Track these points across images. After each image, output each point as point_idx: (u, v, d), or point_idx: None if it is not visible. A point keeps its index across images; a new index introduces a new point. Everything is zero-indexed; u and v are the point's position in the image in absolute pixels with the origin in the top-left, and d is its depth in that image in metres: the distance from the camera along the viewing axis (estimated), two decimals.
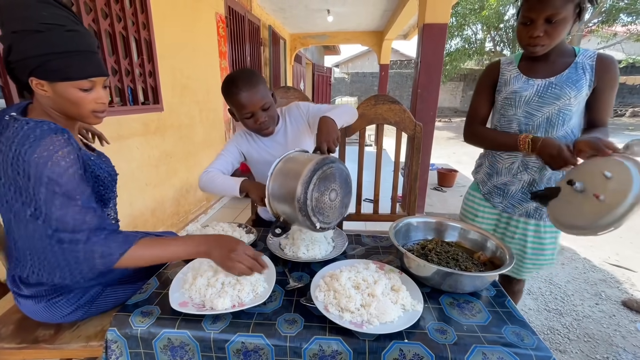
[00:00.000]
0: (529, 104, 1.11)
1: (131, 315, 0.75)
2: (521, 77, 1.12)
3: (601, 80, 1.03)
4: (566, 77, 1.05)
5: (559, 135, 1.09)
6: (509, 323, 0.73)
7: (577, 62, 1.04)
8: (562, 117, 1.07)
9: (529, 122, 1.12)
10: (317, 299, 0.76)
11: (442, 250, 0.95)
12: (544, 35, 0.98)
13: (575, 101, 1.05)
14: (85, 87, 0.78)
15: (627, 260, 2.68)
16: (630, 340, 1.77)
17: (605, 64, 1.03)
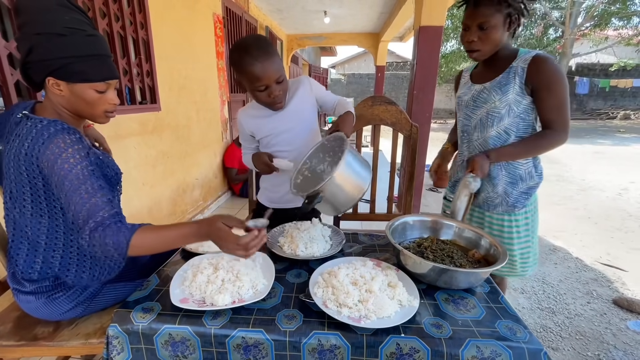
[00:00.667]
0: (467, 107, 1.23)
1: (132, 311, 0.76)
2: (467, 83, 1.25)
3: (535, 82, 1.07)
4: (497, 81, 1.13)
5: (492, 135, 1.18)
6: (502, 318, 0.75)
7: (511, 67, 1.10)
8: (492, 119, 1.15)
9: (468, 123, 1.25)
10: (316, 295, 0.78)
11: (437, 248, 0.97)
12: (478, 40, 1.08)
13: (502, 104, 1.12)
14: (101, 89, 0.83)
15: (618, 260, 2.73)
16: (620, 338, 1.81)
17: (537, 65, 1.05)
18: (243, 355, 0.72)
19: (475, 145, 1.23)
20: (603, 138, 9.41)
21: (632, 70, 12.74)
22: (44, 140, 0.75)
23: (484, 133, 1.19)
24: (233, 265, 0.87)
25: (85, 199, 0.76)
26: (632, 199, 4.26)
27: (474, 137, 1.24)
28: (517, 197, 1.20)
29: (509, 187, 1.19)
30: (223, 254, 0.95)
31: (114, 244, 0.74)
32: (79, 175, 0.76)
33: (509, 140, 1.16)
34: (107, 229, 0.75)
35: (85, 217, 0.75)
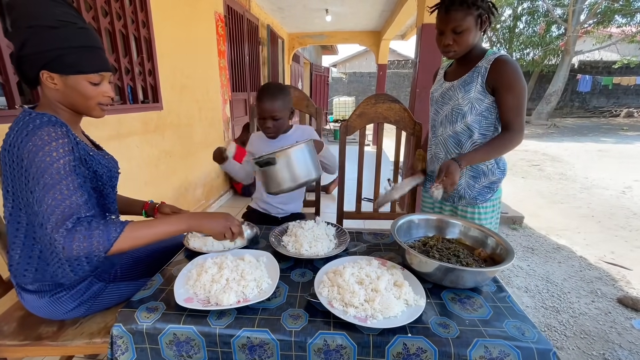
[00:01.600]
0: (437, 103, 1.29)
1: (136, 311, 0.75)
2: (440, 80, 1.30)
3: (496, 82, 1.11)
4: (463, 80, 1.17)
5: (457, 130, 1.22)
6: (510, 317, 0.74)
7: (477, 67, 1.14)
8: (456, 115, 1.21)
9: (435, 118, 1.31)
10: (321, 294, 0.77)
11: (443, 247, 0.96)
12: (454, 43, 1.11)
13: (465, 102, 1.17)
14: (95, 80, 0.83)
15: (622, 259, 2.71)
16: (625, 337, 1.80)
17: (499, 66, 1.10)
18: (248, 355, 0.71)
19: (440, 139, 1.29)
20: (606, 136, 9.36)
21: (636, 68, 12.66)
22: (27, 131, 0.75)
23: (449, 128, 1.25)
24: (237, 265, 0.87)
25: (64, 195, 0.74)
26: (636, 197, 4.23)
27: (439, 131, 1.29)
28: (480, 190, 1.25)
29: (471, 181, 1.25)
30: (227, 254, 0.95)
31: (99, 243, 0.73)
32: (60, 171, 0.75)
33: (473, 136, 1.20)
34: (92, 227, 0.73)
35: (61, 215, 0.72)
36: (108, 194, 0.95)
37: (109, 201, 0.96)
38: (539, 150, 7.55)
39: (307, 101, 1.74)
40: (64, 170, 0.75)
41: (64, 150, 0.76)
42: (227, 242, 1.02)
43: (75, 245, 0.71)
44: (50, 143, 0.75)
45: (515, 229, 3.28)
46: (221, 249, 1.01)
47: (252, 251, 0.98)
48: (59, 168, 0.75)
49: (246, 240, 1.06)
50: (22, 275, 0.87)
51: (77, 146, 0.82)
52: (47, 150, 0.74)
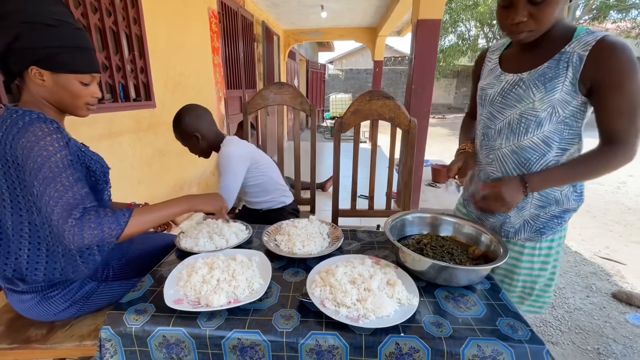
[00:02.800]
0: (492, 104, 0.94)
1: (125, 313, 0.74)
2: (496, 70, 0.95)
3: (598, 77, 0.78)
4: (540, 72, 0.83)
5: (524, 145, 0.90)
6: (504, 316, 0.73)
7: (564, 52, 0.81)
8: (526, 124, 0.88)
9: (491, 125, 0.96)
10: (313, 294, 0.76)
11: (437, 244, 0.95)
12: (529, 19, 0.77)
13: (542, 105, 0.84)
14: (86, 81, 0.84)
15: (617, 254, 2.73)
16: (620, 332, 1.81)
17: (603, 54, 0.76)
18: (239, 357, 0.70)
19: (498, 155, 0.95)
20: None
21: None
22: (18, 129, 0.74)
23: (512, 141, 0.91)
24: (229, 265, 0.85)
25: (66, 186, 0.74)
26: (630, 193, 4.27)
27: (496, 143, 0.95)
28: (547, 221, 0.94)
29: (536, 211, 0.94)
30: (219, 254, 0.93)
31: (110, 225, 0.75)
32: (58, 164, 0.74)
33: (549, 154, 0.88)
34: (101, 215, 0.75)
35: (67, 206, 0.73)
36: (102, 190, 0.94)
37: (103, 197, 0.95)
38: None
39: (301, 99, 1.72)
40: (62, 163, 0.75)
41: (59, 145, 0.76)
42: (219, 242, 1.01)
43: (87, 233, 0.73)
44: (45, 138, 0.74)
45: None
46: (213, 248, 0.99)
47: (244, 251, 0.97)
48: (56, 161, 0.74)
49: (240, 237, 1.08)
50: (33, 275, 0.86)
51: (69, 141, 0.82)
52: (42, 145, 0.74)
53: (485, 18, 11.18)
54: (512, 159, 0.94)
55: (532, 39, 0.82)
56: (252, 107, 1.73)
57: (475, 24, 12.08)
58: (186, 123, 1.40)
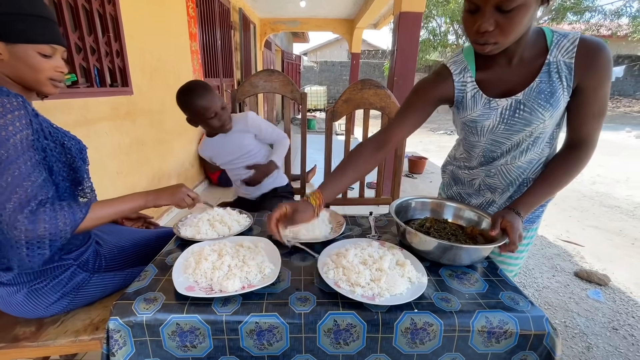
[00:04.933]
0: (493, 132, 0.89)
1: (134, 302, 0.71)
2: (481, 97, 0.85)
3: (582, 81, 0.76)
4: (536, 90, 0.79)
5: (528, 159, 0.91)
6: (504, 290, 0.79)
7: (549, 63, 0.78)
8: (535, 141, 0.87)
9: (496, 149, 0.92)
10: (327, 276, 0.77)
11: (439, 227, 0.99)
12: (496, 29, 0.69)
13: (552, 121, 0.82)
14: (46, 52, 0.78)
15: (576, 236, 2.99)
16: (582, 306, 2.00)
17: (589, 58, 0.74)
18: (256, 341, 0.70)
19: (501, 169, 0.95)
20: None
21: None
22: None
23: (518, 158, 0.91)
24: (238, 251, 0.84)
25: (23, 173, 0.70)
26: (585, 181, 4.65)
27: (500, 162, 0.94)
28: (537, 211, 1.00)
29: None
30: (224, 241, 0.92)
31: (65, 218, 0.73)
32: (17, 146, 0.70)
33: (544, 152, 0.91)
34: (56, 209, 0.73)
35: (24, 196, 0.70)
36: (79, 167, 0.88)
37: (81, 175, 0.90)
38: None
39: (291, 86, 1.70)
40: (21, 145, 0.70)
41: (21, 124, 0.71)
42: (222, 230, 0.99)
43: (41, 227, 0.71)
44: (5, 115, 0.69)
45: None
46: (215, 236, 0.97)
47: (250, 237, 0.96)
48: (15, 143, 0.69)
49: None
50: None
51: (36, 118, 0.76)
52: (1, 124, 0.68)
53: (456, 15, 11.55)
54: (516, 172, 0.95)
55: (496, 52, 0.75)
56: (242, 94, 1.69)
57: (445, 20, 12.44)
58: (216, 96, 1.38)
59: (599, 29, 12.43)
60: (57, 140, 0.83)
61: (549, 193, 0.85)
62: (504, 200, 1.03)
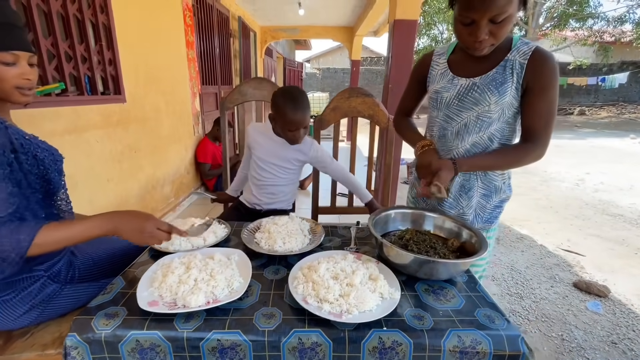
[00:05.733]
0: (449, 107, 1.01)
1: (94, 318, 0.69)
2: (447, 74, 1.01)
3: (532, 82, 0.90)
4: (491, 78, 0.93)
5: (476, 141, 0.99)
6: (481, 306, 0.76)
7: (507, 60, 0.92)
8: (480, 124, 0.97)
9: (447, 126, 1.02)
10: (296, 291, 0.75)
11: (419, 239, 0.96)
12: (490, 37, 0.84)
13: (496, 107, 0.93)
14: (6, 60, 0.75)
15: (577, 246, 2.92)
16: (581, 318, 1.94)
17: (538, 62, 0.88)
18: (219, 359, 0.67)
19: (454, 154, 1.04)
20: (562, 132, 10.04)
21: (587, 69, 13.65)
22: None
23: (467, 139, 1.00)
24: (207, 264, 0.82)
25: None
26: (587, 189, 4.57)
27: (453, 144, 1.03)
28: (492, 211, 1.06)
29: (483, 200, 1.05)
30: (196, 253, 0.90)
31: (11, 243, 0.68)
32: None
33: (489, 149, 1.00)
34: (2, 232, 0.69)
35: None
36: (53, 179, 0.86)
37: (55, 186, 0.88)
38: None
39: None
40: None
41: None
42: (196, 241, 0.97)
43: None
44: None
45: None
46: (189, 248, 0.95)
47: (223, 249, 0.93)
48: None
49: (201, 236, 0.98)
50: None
51: (5, 130, 0.74)
52: None
53: None
54: (464, 153, 1.03)
55: (487, 53, 0.91)
56: (230, 102, 1.69)
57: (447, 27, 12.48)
58: None
59: (603, 35, 12.40)
60: (29, 152, 0.81)
61: (490, 160, 0.97)
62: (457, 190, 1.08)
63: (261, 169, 1.44)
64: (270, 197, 1.48)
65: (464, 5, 0.82)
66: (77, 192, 1.76)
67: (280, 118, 1.31)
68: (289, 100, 1.28)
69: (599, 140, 8.65)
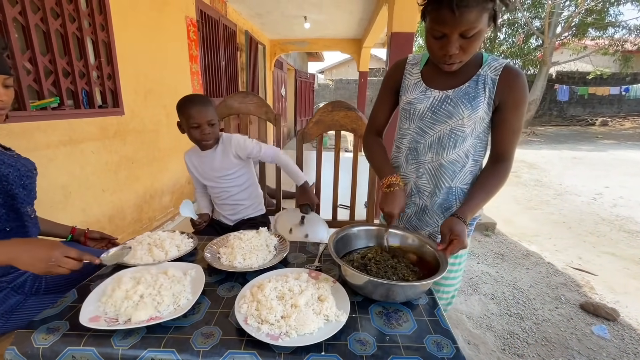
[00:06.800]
0: (422, 119, 0.99)
1: (35, 332, 0.69)
2: (421, 85, 0.99)
3: (503, 98, 0.90)
4: (464, 91, 0.92)
5: (452, 158, 0.98)
6: (433, 332, 0.71)
7: (479, 75, 0.92)
8: (454, 139, 0.96)
9: (420, 139, 1.00)
10: (240, 310, 0.73)
11: (381, 259, 0.93)
12: (460, 51, 0.84)
13: (469, 122, 0.93)
14: None
15: (589, 264, 2.76)
16: (585, 343, 1.81)
17: (509, 79, 0.89)
18: None
19: (428, 168, 1.02)
20: (582, 144, 9.66)
21: (609, 79, 13.18)
22: None
23: (442, 154, 0.98)
24: (157, 279, 0.82)
25: None
26: (605, 204, 4.35)
27: (427, 158, 1.01)
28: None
29: (446, 213, 1.04)
30: (152, 267, 0.90)
31: None
32: None
33: (466, 166, 0.99)
34: None
35: None
36: (17, 195, 0.88)
37: (19, 202, 0.90)
38: (517, 157, 7.65)
39: (266, 108, 1.71)
40: None
41: None
42: (158, 255, 0.97)
43: None
44: None
45: (488, 235, 3.31)
46: (150, 261, 0.95)
47: (180, 264, 0.93)
48: None
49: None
50: None
51: None
52: None
53: None
54: (440, 171, 1.01)
55: (458, 68, 0.91)
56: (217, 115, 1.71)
57: None
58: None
59: (624, 44, 11.98)
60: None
61: (484, 199, 0.94)
62: (436, 209, 1.06)
63: (210, 187, 1.51)
64: (232, 208, 1.53)
65: (435, 19, 0.82)
66: (70, 202, 1.82)
67: (183, 118, 1.35)
68: (186, 100, 1.34)
69: (621, 152, 8.26)
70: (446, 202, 1.04)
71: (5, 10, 1.45)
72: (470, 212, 0.89)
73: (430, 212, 1.07)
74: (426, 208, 1.07)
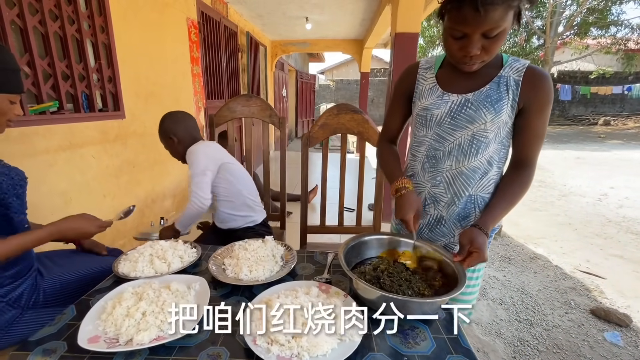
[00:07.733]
0: (440, 125, 0.93)
1: (30, 354, 0.65)
2: (436, 90, 0.93)
3: (527, 101, 0.85)
4: (485, 94, 0.86)
5: (472, 167, 0.92)
6: (454, 352, 0.67)
7: (501, 76, 0.86)
8: (476, 145, 0.90)
9: (439, 147, 0.94)
10: (246, 329, 0.69)
11: (394, 271, 0.88)
12: (482, 52, 0.79)
13: (492, 126, 0.87)
14: (14, 100, 0.86)
15: (597, 267, 2.71)
16: (597, 351, 1.76)
17: (535, 80, 0.84)
18: None
19: (446, 176, 0.96)
20: (584, 144, 9.61)
21: (611, 78, 13.12)
22: None
23: (463, 162, 0.92)
24: (160, 295, 0.77)
25: None
26: (611, 205, 4.29)
27: (445, 166, 0.95)
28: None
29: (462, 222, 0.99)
30: (154, 281, 0.86)
31: None
32: None
33: (489, 173, 0.93)
34: None
35: None
36: (11, 204, 0.86)
37: (12, 211, 0.87)
38: None
39: (270, 111, 1.67)
40: None
41: None
42: (160, 267, 0.93)
43: None
44: None
45: (494, 237, 3.26)
46: (152, 274, 0.91)
47: (184, 277, 0.89)
48: None
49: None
50: None
51: None
52: None
53: None
54: (460, 180, 0.95)
55: (477, 69, 0.85)
56: (219, 119, 1.68)
57: None
58: (165, 126, 1.47)
59: (627, 43, 11.92)
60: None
61: (506, 208, 0.88)
62: (454, 219, 1.00)
63: None
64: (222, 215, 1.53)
65: (455, 18, 0.76)
66: (71, 208, 1.78)
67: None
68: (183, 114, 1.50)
69: (625, 151, 8.20)
70: (464, 211, 0.98)
71: (3, 13, 1.41)
72: (492, 222, 0.84)
73: (446, 222, 1.01)
74: (442, 218, 1.01)
